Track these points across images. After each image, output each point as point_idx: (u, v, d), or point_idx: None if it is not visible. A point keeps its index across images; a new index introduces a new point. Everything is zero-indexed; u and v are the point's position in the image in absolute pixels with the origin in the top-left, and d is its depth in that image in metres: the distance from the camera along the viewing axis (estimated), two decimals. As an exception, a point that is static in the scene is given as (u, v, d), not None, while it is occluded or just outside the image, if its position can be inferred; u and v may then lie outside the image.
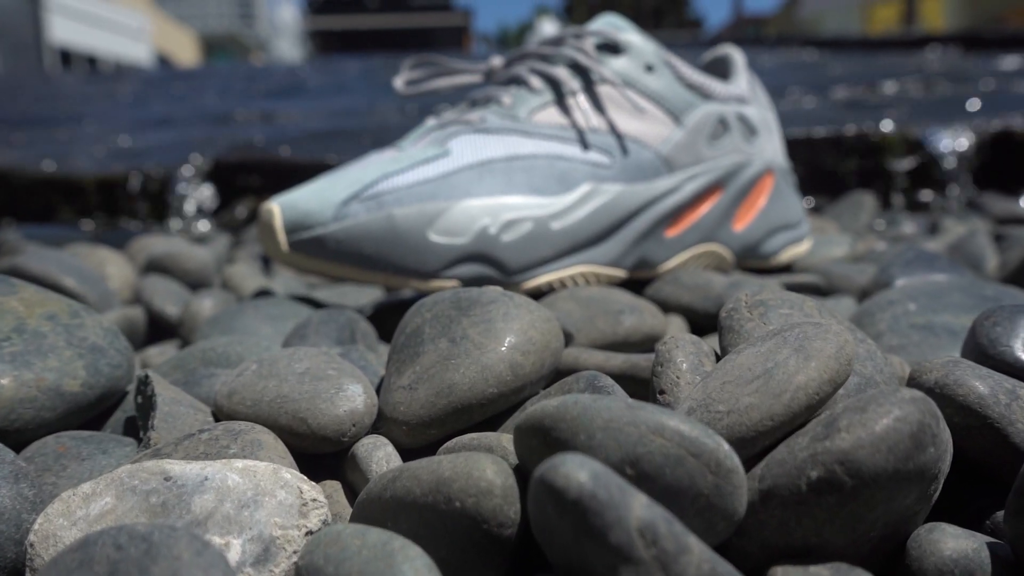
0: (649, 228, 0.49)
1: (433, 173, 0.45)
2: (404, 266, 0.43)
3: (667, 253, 0.50)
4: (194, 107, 1.68)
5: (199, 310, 0.45)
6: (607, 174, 0.48)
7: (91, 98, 1.96)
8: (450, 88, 0.55)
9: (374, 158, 0.48)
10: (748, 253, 0.54)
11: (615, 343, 0.35)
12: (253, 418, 0.24)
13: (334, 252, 0.43)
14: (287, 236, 0.43)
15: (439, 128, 0.49)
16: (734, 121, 0.53)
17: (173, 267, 0.54)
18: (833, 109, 1.15)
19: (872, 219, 0.79)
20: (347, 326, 0.35)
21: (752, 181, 0.53)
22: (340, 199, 0.43)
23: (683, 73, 0.51)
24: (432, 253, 0.43)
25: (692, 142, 0.51)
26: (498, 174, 0.46)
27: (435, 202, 0.44)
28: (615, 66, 0.50)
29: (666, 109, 0.50)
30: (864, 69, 1.71)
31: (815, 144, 0.93)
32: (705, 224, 0.51)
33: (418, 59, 0.56)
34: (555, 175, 0.47)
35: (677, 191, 0.50)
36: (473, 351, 0.25)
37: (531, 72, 0.51)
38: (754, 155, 0.54)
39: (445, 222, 0.43)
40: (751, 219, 0.54)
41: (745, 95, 0.55)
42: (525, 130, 0.48)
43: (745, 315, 0.25)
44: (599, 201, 0.47)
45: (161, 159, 1.00)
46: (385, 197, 0.44)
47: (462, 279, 0.44)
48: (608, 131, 0.49)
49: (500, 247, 0.44)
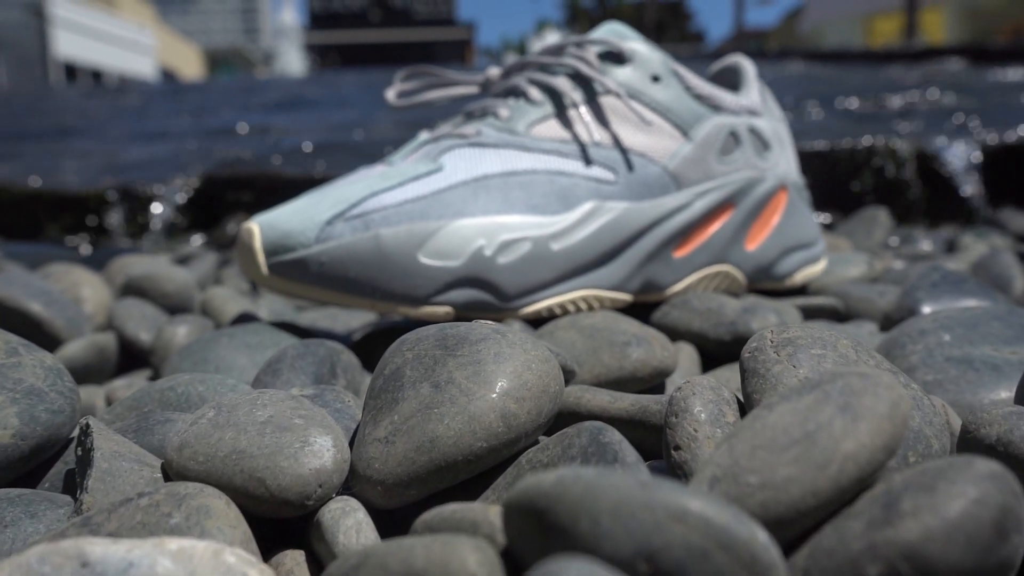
0: (656, 248, 0.46)
1: (424, 190, 0.42)
2: (392, 291, 0.40)
3: (675, 275, 0.47)
4: (191, 121, 1.66)
5: (172, 338, 0.41)
6: (611, 191, 0.45)
7: (89, 112, 1.94)
8: (445, 100, 0.52)
9: (362, 174, 0.45)
10: (761, 274, 0.51)
11: (621, 378, 0.32)
12: (204, 477, 0.21)
13: (317, 275, 0.40)
14: (267, 258, 0.40)
15: (432, 142, 0.46)
16: (745, 134, 0.50)
17: (151, 289, 0.51)
18: (841, 121, 1.12)
19: (887, 236, 0.76)
20: (326, 360, 0.32)
21: (765, 198, 0.50)
22: (324, 219, 0.40)
23: (691, 84, 0.48)
24: (423, 277, 0.40)
25: (702, 157, 0.48)
26: (494, 191, 0.42)
27: (426, 222, 0.41)
28: (619, 76, 0.47)
29: (674, 122, 0.47)
30: (870, 81, 1.69)
31: (824, 157, 0.89)
32: (716, 244, 0.48)
33: (411, 70, 0.53)
34: (555, 192, 0.43)
35: (686, 209, 0.47)
36: (460, 398, 0.22)
37: (530, 83, 0.48)
38: (767, 170, 0.51)
39: (437, 243, 0.40)
40: (764, 238, 0.51)
41: (757, 107, 0.52)
42: (523, 144, 0.45)
43: (771, 356, 0.22)
44: (603, 220, 0.44)
45: (151, 174, 0.97)
46: (372, 216, 0.40)
47: (455, 305, 0.41)
48: (612, 145, 0.45)
49: (496, 270, 0.41)
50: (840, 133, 0.96)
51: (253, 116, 1.67)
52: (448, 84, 0.52)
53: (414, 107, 0.51)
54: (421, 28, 15.61)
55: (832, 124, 1.09)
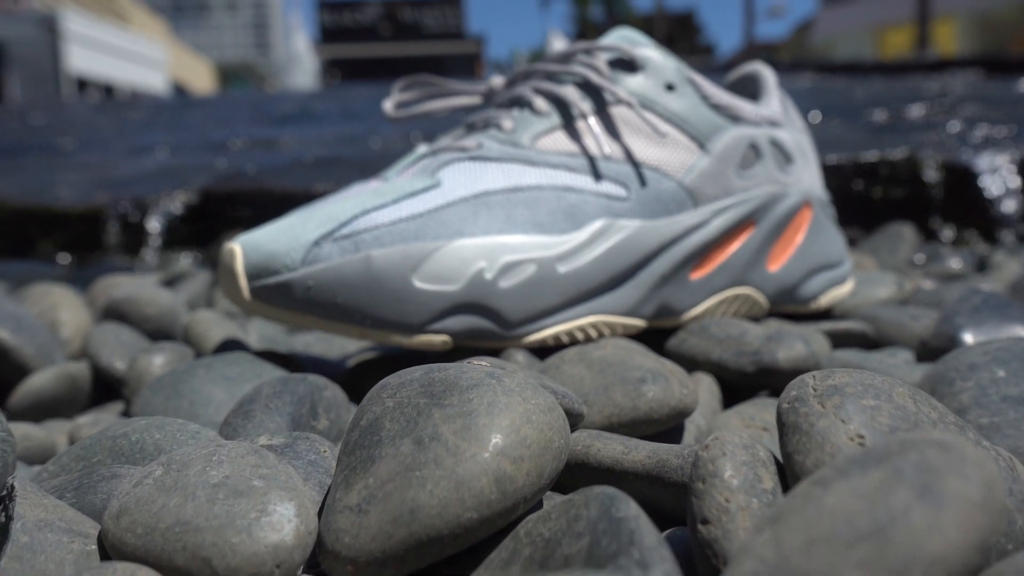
0: (672, 270, 0.42)
1: (420, 208, 0.38)
2: (384, 317, 0.37)
3: (692, 298, 0.44)
4: (197, 134, 1.64)
5: (147, 368, 0.38)
6: (623, 208, 0.41)
7: (96, 126, 1.93)
8: (446, 111, 0.49)
9: (354, 190, 0.41)
10: (784, 297, 0.47)
11: (636, 420, 0.28)
12: (142, 553, 0.18)
13: (303, 301, 0.37)
14: (250, 282, 0.37)
15: (430, 156, 0.43)
16: (766, 146, 0.46)
17: (132, 313, 0.48)
18: (860, 134, 1.08)
19: (912, 253, 0.72)
20: (306, 398, 0.29)
21: (789, 215, 0.47)
22: (311, 239, 0.37)
23: (708, 92, 0.45)
24: (417, 302, 0.37)
25: (720, 171, 0.44)
26: (496, 209, 0.39)
27: (421, 242, 0.37)
28: (631, 85, 0.44)
29: (690, 133, 0.44)
30: (886, 93, 1.65)
31: (844, 171, 0.86)
32: (736, 264, 0.45)
33: (410, 80, 0.50)
34: (563, 209, 0.40)
35: (703, 227, 0.43)
36: (446, 458, 0.19)
37: (536, 92, 0.44)
38: (790, 185, 0.47)
39: (433, 266, 0.37)
40: (788, 258, 0.47)
41: (778, 117, 0.48)
42: (528, 158, 0.41)
43: (815, 408, 0.19)
44: (614, 239, 0.40)
45: (149, 189, 0.94)
46: (363, 236, 0.37)
47: (453, 333, 0.37)
48: (624, 159, 0.42)
49: (498, 295, 0.38)
50: (860, 145, 0.92)
51: (259, 130, 1.65)
52: (449, 94, 0.49)
53: (413, 119, 0.48)
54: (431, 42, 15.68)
55: (851, 136, 1.05)
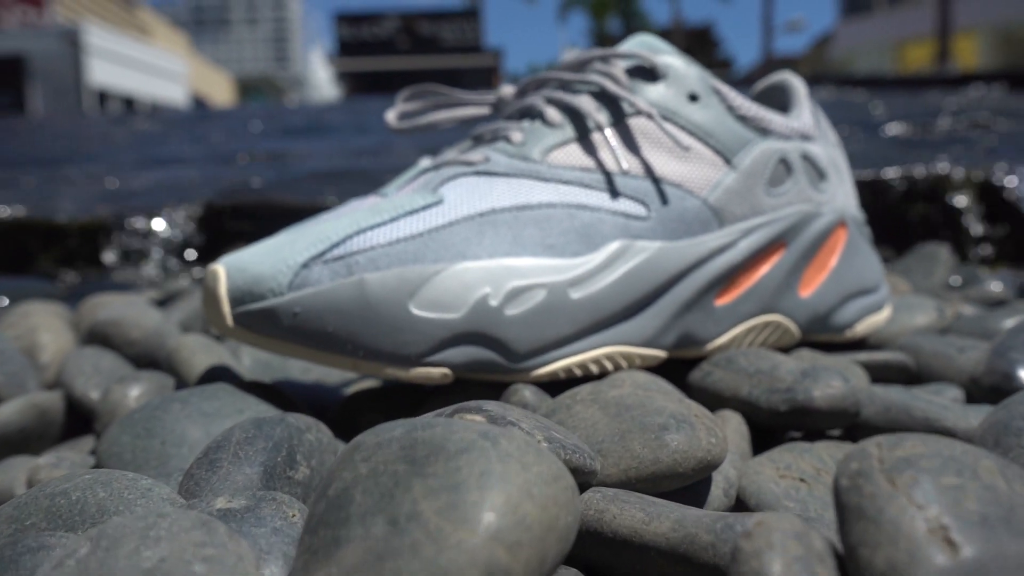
0: (695, 296, 0.39)
1: (420, 227, 0.35)
2: (378, 348, 0.33)
3: (718, 327, 0.40)
4: (208, 147, 1.62)
5: (121, 400, 0.35)
6: (642, 228, 0.38)
7: (111, 138, 1.92)
8: (452, 122, 0.45)
9: (350, 207, 0.38)
10: (817, 324, 0.44)
11: (657, 474, 0.25)
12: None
13: (289, 329, 0.33)
14: (232, 307, 0.34)
15: (433, 170, 0.39)
16: (798, 162, 0.43)
17: (116, 336, 0.45)
18: (887, 149, 1.04)
19: (948, 275, 0.68)
20: (283, 443, 0.25)
21: (822, 235, 0.43)
22: (299, 261, 0.34)
23: (735, 103, 0.41)
24: (415, 332, 0.33)
25: (748, 188, 0.41)
26: (503, 228, 0.36)
27: (420, 265, 0.34)
28: (651, 95, 0.40)
29: (715, 147, 0.40)
30: (910, 107, 1.61)
31: (873, 187, 0.82)
32: (765, 289, 0.41)
33: (415, 89, 0.47)
34: (576, 229, 0.37)
35: (730, 249, 0.40)
36: (426, 545, 0.15)
37: (548, 102, 0.41)
38: (823, 203, 0.44)
39: (433, 291, 0.34)
40: (821, 282, 0.43)
41: (810, 130, 0.45)
42: (539, 173, 0.38)
43: (883, 487, 0.15)
44: (632, 262, 0.37)
45: (153, 202, 0.92)
46: (356, 258, 0.34)
47: (453, 366, 0.34)
48: (643, 174, 0.39)
49: (504, 323, 0.34)
50: (887, 161, 0.88)
51: (271, 143, 1.63)
52: (456, 104, 0.46)
53: (417, 130, 0.45)
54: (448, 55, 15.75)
55: (876, 151, 1.01)
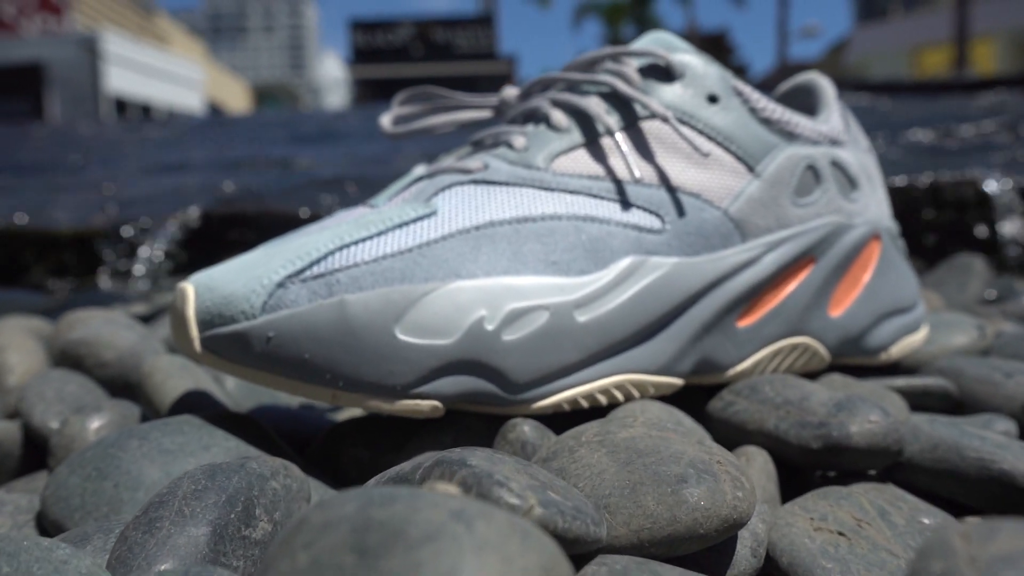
0: (715, 317, 0.35)
1: (409, 242, 0.32)
2: (360, 378, 0.30)
3: (740, 351, 0.36)
4: (215, 153, 1.60)
5: (78, 433, 0.32)
6: (656, 242, 0.34)
7: (117, 144, 1.90)
8: (451, 126, 0.42)
9: (335, 219, 0.35)
10: (849, 347, 0.40)
11: (675, 537, 0.21)
12: None
13: (261, 355, 0.30)
14: (201, 330, 0.31)
15: (427, 178, 0.36)
16: (827, 169, 0.39)
17: (89, 357, 0.42)
18: (912, 155, 1.00)
19: (983, 288, 0.64)
20: (239, 496, 0.22)
21: (854, 249, 0.39)
22: (275, 279, 0.30)
23: (758, 105, 0.38)
24: (401, 360, 0.30)
25: (773, 197, 0.37)
26: (502, 243, 0.32)
27: (409, 284, 0.30)
28: (667, 96, 0.37)
29: (736, 153, 0.37)
30: (931, 113, 1.56)
31: (900, 195, 0.78)
32: (792, 309, 0.37)
33: (412, 92, 0.43)
34: (583, 244, 0.33)
35: (753, 265, 0.36)
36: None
37: (554, 105, 0.38)
38: (855, 214, 0.40)
39: (421, 314, 0.30)
40: (853, 301, 0.40)
41: (839, 134, 0.41)
42: (543, 181, 0.34)
43: (975, 596, 0.11)
44: (645, 281, 0.33)
45: (151, 210, 0.89)
46: (338, 277, 0.30)
47: (444, 398, 0.30)
48: (657, 183, 0.35)
49: (502, 350, 0.31)
50: (913, 168, 0.84)
51: (280, 148, 1.60)
52: (455, 108, 0.43)
53: (413, 135, 0.42)
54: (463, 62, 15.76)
55: (901, 158, 0.97)
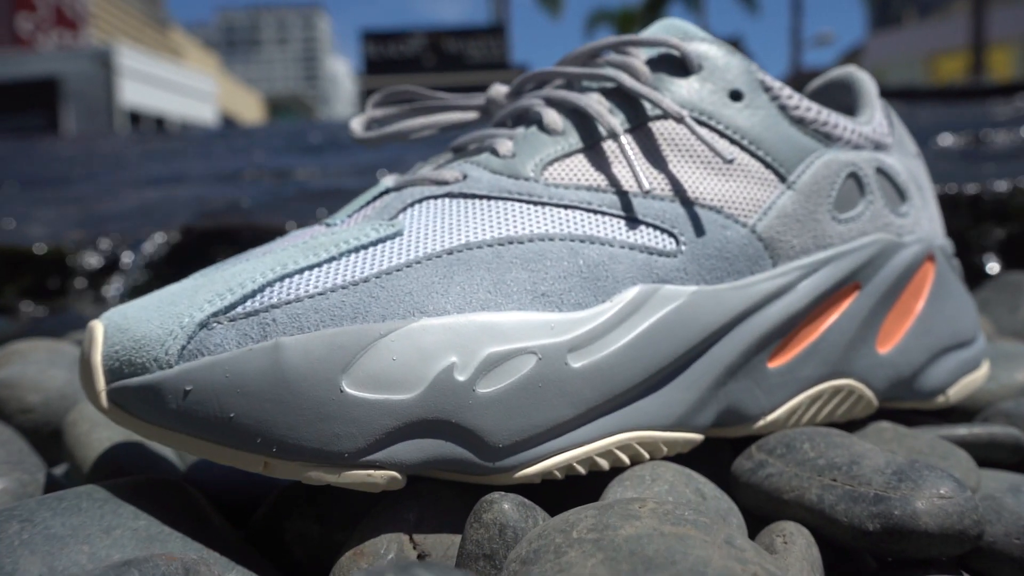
0: (742, 357, 0.29)
1: (366, 270, 0.26)
2: (297, 443, 0.24)
3: (772, 398, 0.30)
4: (214, 165, 1.55)
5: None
6: (670, 267, 0.28)
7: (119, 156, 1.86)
8: (432, 130, 0.36)
9: (284, 241, 0.29)
10: (900, 389, 0.34)
11: None
12: None
13: (177, 414, 0.24)
14: (108, 380, 0.25)
15: (395, 191, 0.30)
16: (872, 177, 0.33)
17: (11, 401, 0.36)
18: (944, 162, 0.93)
19: (1035, 309, 0.58)
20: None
21: (906, 273, 0.33)
22: (197, 318, 0.24)
23: (791, 102, 0.32)
24: (349, 420, 0.24)
25: (809, 212, 0.31)
26: (479, 271, 0.26)
27: (361, 324, 0.24)
28: (682, 92, 0.31)
29: (765, 159, 0.31)
30: (957, 118, 1.49)
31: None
32: (833, 346, 0.31)
33: (389, 91, 0.38)
34: (580, 272, 0.27)
35: (787, 293, 0.30)
36: None
37: (548, 103, 0.32)
38: (905, 230, 0.34)
39: (376, 362, 0.24)
40: (904, 334, 0.33)
41: (884, 137, 0.35)
42: (532, 194, 0.29)
43: None
44: (657, 315, 0.27)
45: (133, 225, 0.84)
46: (275, 315, 0.25)
47: (404, 467, 0.24)
48: (671, 195, 0.29)
49: (476, 406, 0.25)
50: (947, 176, 0.78)
51: (281, 159, 1.55)
52: (438, 109, 0.37)
53: (387, 141, 0.36)
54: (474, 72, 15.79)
55: (933, 165, 0.90)
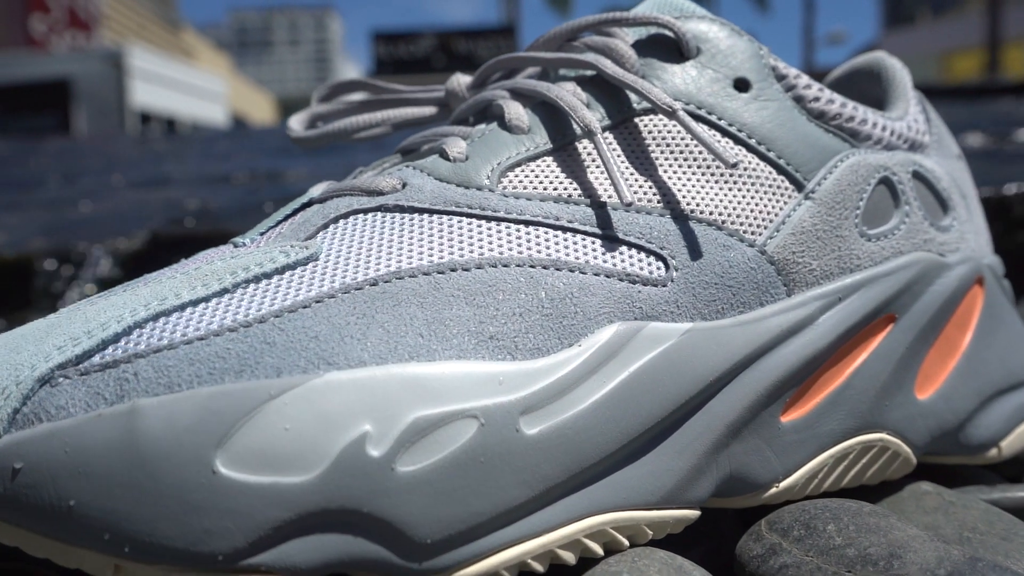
0: (748, 412, 0.23)
1: (264, 307, 0.20)
2: (157, 541, 0.18)
3: (786, 459, 0.24)
4: (206, 166, 1.51)
5: None
6: (657, 299, 0.22)
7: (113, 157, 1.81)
8: (383, 128, 0.31)
9: (178, 267, 0.23)
10: (945, 442, 0.27)
11: None
12: None
13: (3, 499, 0.18)
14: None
15: (319, 202, 0.24)
16: (908, 184, 0.27)
17: None
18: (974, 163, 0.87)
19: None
20: None
21: (951, 300, 0.27)
22: (40, 371, 0.19)
23: (808, 93, 0.26)
24: (225, 511, 0.18)
25: (832, 227, 0.25)
26: (411, 307, 0.20)
27: (247, 380, 0.19)
28: (675, 81, 0.25)
29: (777, 162, 0.25)
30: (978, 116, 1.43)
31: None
32: (862, 393, 0.25)
33: (336, 84, 0.32)
34: (541, 307, 0.21)
35: (804, 330, 0.24)
36: None
37: (513, 95, 0.26)
38: (948, 248, 0.28)
39: (262, 433, 0.18)
40: (949, 375, 0.27)
41: (920, 135, 0.29)
42: (485, 206, 0.23)
43: None
44: (639, 362, 0.21)
45: (101, 231, 0.79)
46: (137, 367, 0.19)
47: (301, 572, 0.19)
48: (659, 208, 0.23)
49: (396, 490, 0.19)
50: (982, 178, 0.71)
51: (277, 161, 1.51)
52: (391, 103, 0.31)
53: (329, 142, 0.30)
54: (484, 73, 15.79)
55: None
